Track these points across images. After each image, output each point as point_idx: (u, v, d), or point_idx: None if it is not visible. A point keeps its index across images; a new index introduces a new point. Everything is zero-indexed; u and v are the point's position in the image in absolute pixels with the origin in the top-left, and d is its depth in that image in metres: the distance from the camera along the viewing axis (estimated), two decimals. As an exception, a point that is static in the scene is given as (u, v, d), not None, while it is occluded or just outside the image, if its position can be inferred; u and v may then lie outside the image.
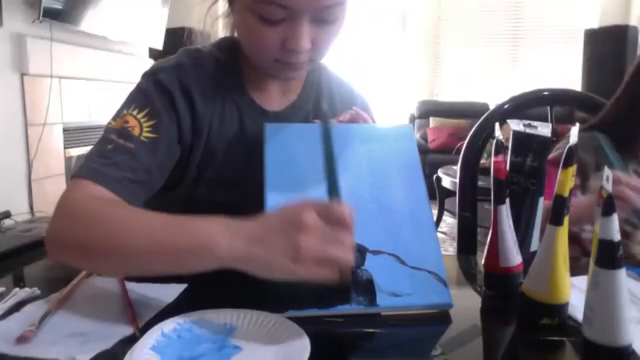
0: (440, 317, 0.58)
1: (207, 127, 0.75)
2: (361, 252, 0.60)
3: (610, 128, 1.02)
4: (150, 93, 0.71)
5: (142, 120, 0.69)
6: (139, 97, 0.71)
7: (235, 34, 0.79)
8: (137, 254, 0.55)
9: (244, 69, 0.79)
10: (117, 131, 0.67)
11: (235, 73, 0.79)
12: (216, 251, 0.51)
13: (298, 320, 0.52)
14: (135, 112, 0.69)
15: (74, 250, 0.58)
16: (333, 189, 0.54)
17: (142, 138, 0.67)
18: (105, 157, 0.64)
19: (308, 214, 0.50)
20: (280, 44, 0.67)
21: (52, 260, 0.61)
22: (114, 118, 0.70)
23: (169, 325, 0.51)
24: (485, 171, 0.75)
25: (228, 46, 0.79)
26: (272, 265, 0.50)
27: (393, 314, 0.58)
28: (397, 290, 0.58)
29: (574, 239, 0.89)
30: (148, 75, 0.74)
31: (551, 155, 0.71)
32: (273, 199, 0.63)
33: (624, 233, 0.61)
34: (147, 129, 0.68)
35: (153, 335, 0.49)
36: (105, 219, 0.57)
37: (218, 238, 0.51)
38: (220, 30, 0.83)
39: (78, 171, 0.64)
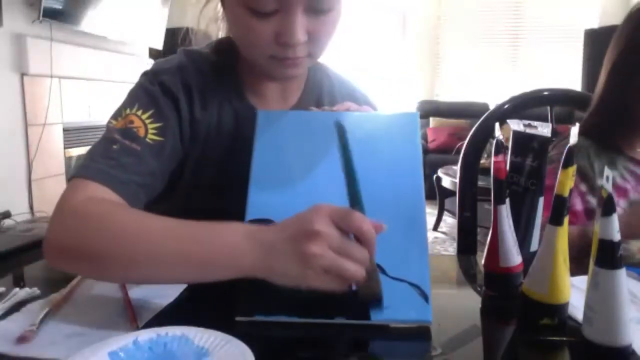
0: (418, 334, 0.54)
1: (204, 132, 0.74)
2: None
3: (593, 131, 1.00)
4: (154, 94, 0.69)
5: (147, 122, 0.67)
6: (143, 97, 0.69)
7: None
8: (163, 263, 0.53)
9: (242, 72, 0.77)
10: (121, 131, 0.65)
11: (233, 77, 0.77)
12: (242, 262, 0.50)
13: (296, 325, 0.52)
14: (139, 113, 0.67)
15: (77, 256, 0.55)
16: (354, 196, 0.51)
17: (147, 140, 0.66)
18: (110, 157, 0.62)
19: (321, 220, 0.49)
20: (274, 38, 0.63)
21: (51, 265, 0.58)
22: (115, 117, 0.67)
23: (147, 335, 0.48)
24: (485, 171, 0.75)
25: (225, 49, 0.77)
26: (287, 274, 0.50)
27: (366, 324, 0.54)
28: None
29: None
30: (150, 75, 0.72)
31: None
32: (255, 193, 0.60)
33: None
34: (153, 131, 0.67)
35: (123, 341, 0.46)
36: (118, 224, 0.54)
37: (242, 248, 0.51)
38: (220, 32, 0.82)
39: (80, 171, 0.61)
